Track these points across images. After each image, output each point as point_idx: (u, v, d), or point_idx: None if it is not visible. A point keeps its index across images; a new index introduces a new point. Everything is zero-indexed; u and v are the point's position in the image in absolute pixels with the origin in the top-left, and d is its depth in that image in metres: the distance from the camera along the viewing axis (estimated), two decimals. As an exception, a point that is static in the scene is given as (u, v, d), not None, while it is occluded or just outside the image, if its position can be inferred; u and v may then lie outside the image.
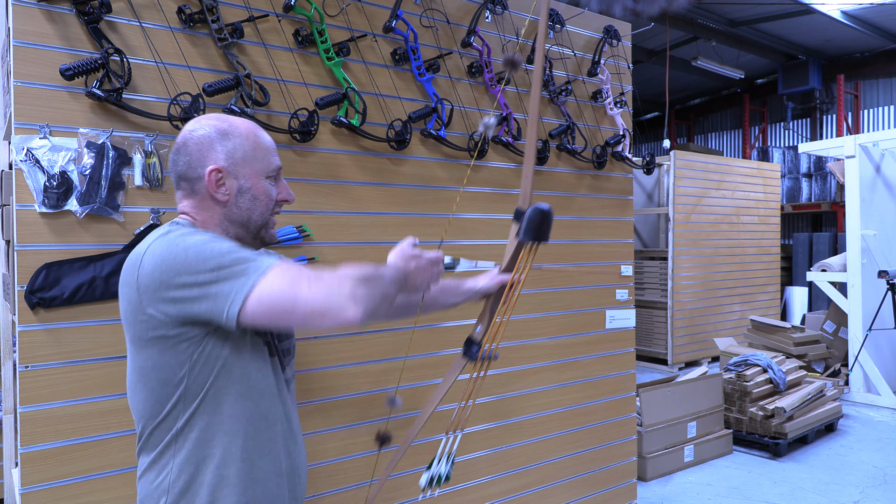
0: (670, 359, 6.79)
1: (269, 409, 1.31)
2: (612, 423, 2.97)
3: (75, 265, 1.71)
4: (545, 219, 1.57)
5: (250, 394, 1.27)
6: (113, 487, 1.76)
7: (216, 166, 1.29)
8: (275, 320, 1.17)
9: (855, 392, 5.77)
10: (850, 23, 8.58)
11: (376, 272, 1.22)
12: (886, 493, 3.76)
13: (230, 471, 1.25)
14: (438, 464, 1.60)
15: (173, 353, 1.21)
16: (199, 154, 1.30)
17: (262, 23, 2.01)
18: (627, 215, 3.05)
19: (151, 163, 1.81)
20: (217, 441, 1.25)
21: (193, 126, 1.33)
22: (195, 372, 1.22)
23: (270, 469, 1.31)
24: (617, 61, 2.99)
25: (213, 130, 1.31)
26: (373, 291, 1.18)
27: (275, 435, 1.32)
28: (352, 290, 1.15)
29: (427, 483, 1.60)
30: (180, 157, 1.32)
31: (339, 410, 2.17)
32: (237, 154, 1.31)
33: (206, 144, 1.30)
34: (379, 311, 1.21)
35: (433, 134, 2.34)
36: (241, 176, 1.31)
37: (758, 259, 7.63)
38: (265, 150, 1.35)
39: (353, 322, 1.14)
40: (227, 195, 1.31)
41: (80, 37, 1.73)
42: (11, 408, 2.15)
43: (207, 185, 1.29)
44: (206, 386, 1.23)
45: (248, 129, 1.35)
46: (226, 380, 1.25)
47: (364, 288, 1.16)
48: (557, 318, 2.79)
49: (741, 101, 11.93)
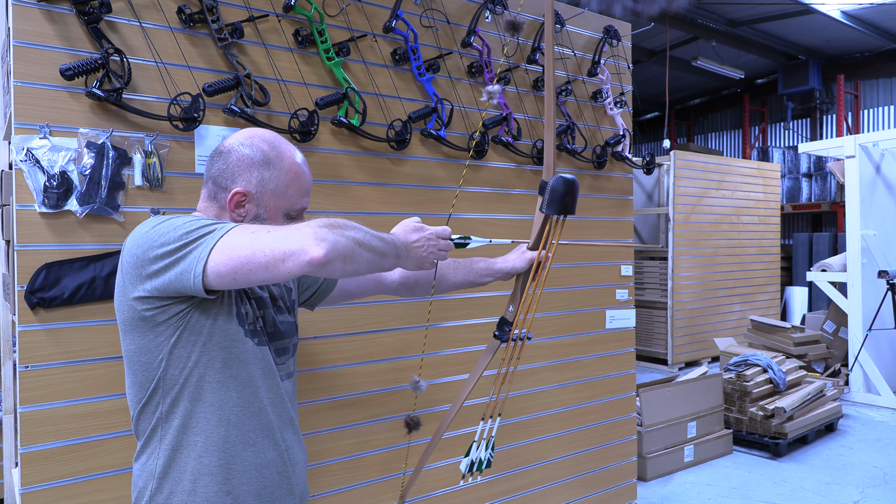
0: (670, 359, 6.79)
1: (253, 401, 1.31)
2: (612, 423, 2.97)
3: (75, 265, 1.71)
4: (570, 189, 1.51)
5: (232, 384, 1.28)
6: (113, 487, 1.76)
7: (244, 190, 1.32)
8: (239, 273, 1.12)
9: (855, 392, 5.77)
10: (850, 23, 8.58)
11: (350, 223, 1.18)
12: (886, 493, 3.76)
13: (212, 459, 1.27)
14: (478, 450, 1.60)
15: (152, 335, 1.24)
16: (235, 169, 1.33)
17: (262, 23, 2.01)
18: (627, 215, 3.05)
19: (151, 163, 1.81)
20: (199, 429, 1.27)
21: (245, 140, 1.35)
22: (174, 356, 1.24)
23: (254, 461, 1.31)
24: (617, 61, 2.99)
25: (258, 154, 1.33)
26: (341, 237, 1.13)
27: (259, 426, 1.32)
28: (315, 231, 1.10)
29: (468, 469, 1.60)
30: (218, 162, 1.34)
31: (347, 409, 2.17)
32: (269, 185, 1.33)
33: (246, 164, 1.32)
34: (354, 259, 1.15)
35: (433, 134, 2.34)
36: (263, 206, 1.34)
37: (758, 259, 7.63)
38: (298, 191, 1.37)
39: (317, 261, 1.08)
40: (241, 217, 1.33)
41: (80, 37, 1.73)
42: (11, 408, 2.15)
43: (228, 202, 1.32)
44: (185, 372, 1.25)
45: (292, 165, 1.36)
46: (207, 368, 1.26)
47: (332, 232, 1.12)
48: (557, 318, 2.79)
49: (741, 101, 11.93)
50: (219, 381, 1.27)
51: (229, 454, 1.29)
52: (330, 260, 1.10)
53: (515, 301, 1.66)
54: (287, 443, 1.39)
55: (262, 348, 1.34)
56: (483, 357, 1.69)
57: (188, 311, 1.23)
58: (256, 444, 1.32)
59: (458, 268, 1.73)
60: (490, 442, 1.63)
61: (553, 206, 1.52)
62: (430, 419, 2.36)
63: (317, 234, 1.10)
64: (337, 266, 1.12)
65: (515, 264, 1.70)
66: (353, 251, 1.15)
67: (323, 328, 2.13)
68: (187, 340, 1.25)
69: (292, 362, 1.47)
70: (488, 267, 1.73)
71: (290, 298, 1.52)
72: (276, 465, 1.35)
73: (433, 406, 2.38)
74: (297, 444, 1.43)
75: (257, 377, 1.32)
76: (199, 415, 1.27)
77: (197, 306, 1.24)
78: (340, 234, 1.13)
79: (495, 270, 1.73)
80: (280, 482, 1.36)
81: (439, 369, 2.41)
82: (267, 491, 1.33)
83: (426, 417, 2.35)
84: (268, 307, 1.39)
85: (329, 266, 1.11)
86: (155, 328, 1.24)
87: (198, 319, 1.24)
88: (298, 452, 1.43)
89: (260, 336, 1.34)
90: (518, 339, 1.62)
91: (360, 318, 2.22)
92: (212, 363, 1.27)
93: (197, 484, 1.27)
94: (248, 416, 1.31)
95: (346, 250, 1.13)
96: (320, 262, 1.09)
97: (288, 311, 1.48)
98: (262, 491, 1.32)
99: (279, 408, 1.37)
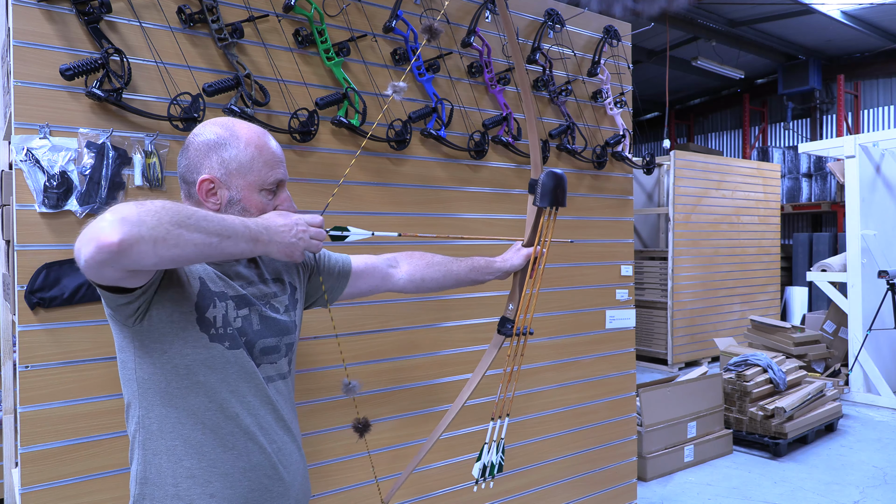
0: (670, 359, 6.79)
1: (227, 405, 1.29)
2: (612, 423, 2.97)
3: (75, 265, 1.70)
4: (559, 181, 1.60)
5: (200, 389, 1.27)
6: (113, 487, 1.76)
7: (208, 176, 1.30)
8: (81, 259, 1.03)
9: (855, 392, 5.77)
10: (850, 23, 8.58)
11: (177, 204, 1.08)
12: (886, 493, 3.76)
13: (192, 462, 1.27)
14: (489, 452, 1.62)
15: (121, 335, 1.26)
16: (196, 160, 1.31)
17: (262, 23, 2.01)
18: (627, 215, 3.05)
19: (151, 163, 1.81)
20: (176, 433, 1.27)
21: (199, 130, 1.34)
22: (142, 360, 1.25)
23: (237, 464, 1.29)
24: (617, 61, 2.99)
25: (213, 137, 1.32)
26: (149, 217, 1.01)
27: (238, 430, 1.30)
28: (114, 215, 0.99)
29: (480, 473, 1.62)
30: (182, 159, 1.34)
31: (347, 409, 2.17)
32: (232, 165, 1.30)
33: (203, 151, 1.31)
34: (172, 242, 1.03)
35: (433, 134, 2.34)
36: (233, 187, 1.31)
37: (758, 259, 7.63)
38: (264, 163, 1.33)
39: (108, 246, 0.97)
40: (217, 205, 1.31)
41: (80, 37, 1.73)
42: (11, 408, 2.15)
43: (199, 193, 1.31)
44: (154, 377, 1.25)
45: (250, 139, 1.32)
46: (171, 374, 1.25)
47: (138, 213, 1.00)
48: (557, 318, 2.79)
49: (741, 101, 11.93)
50: (186, 387, 1.26)
51: (209, 458, 1.27)
52: (128, 244, 0.97)
53: (515, 299, 1.69)
54: (277, 444, 1.35)
55: (236, 351, 1.30)
56: (487, 354, 1.70)
57: (141, 315, 1.21)
58: (237, 447, 1.29)
59: (462, 265, 1.75)
60: (500, 444, 1.64)
61: (545, 198, 1.60)
62: (432, 419, 2.37)
63: (115, 217, 0.98)
64: (145, 250, 1.00)
65: (513, 262, 1.73)
66: (168, 233, 1.02)
67: (323, 328, 2.13)
68: (149, 347, 1.24)
69: (285, 362, 1.43)
70: (488, 266, 1.75)
71: (292, 297, 1.48)
72: (264, 468, 1.32)
73: (434, 406, 2.38)
74: (291, 445, 1.39)
75: (231, 381, 1.29)
76: (174, 419, 1.26)
77: (148, 311, 1.21)
78: (150, 214, 1.01)
79: (494, 269, 1.74)
80: (270, 485, 1.33)
81: (440, 369, 2.41)
82: (255, 495, 1.31)
83: (426, 417, 2.36)
84: (254, 305, 1.35)
85: (131, 251, 0.98)
86: (122, 328, 1.24)
87: (151, 327, 1.22)
88: (293, 453, 1.40)
89: (233, 339, 1.30)
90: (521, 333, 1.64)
91: (361, 318, 2.22)
92: (175, 370, 1.25)
93: (179, 487, 1.26)
94: (223, 419, 1.28)
95: (156, 233, 1.00)
96: (112, 247, 0.97)
97: (286, 310, 1.44)
98: (250, 495, 1.30)
99: (265, 409, 1.34)
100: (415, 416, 2.32)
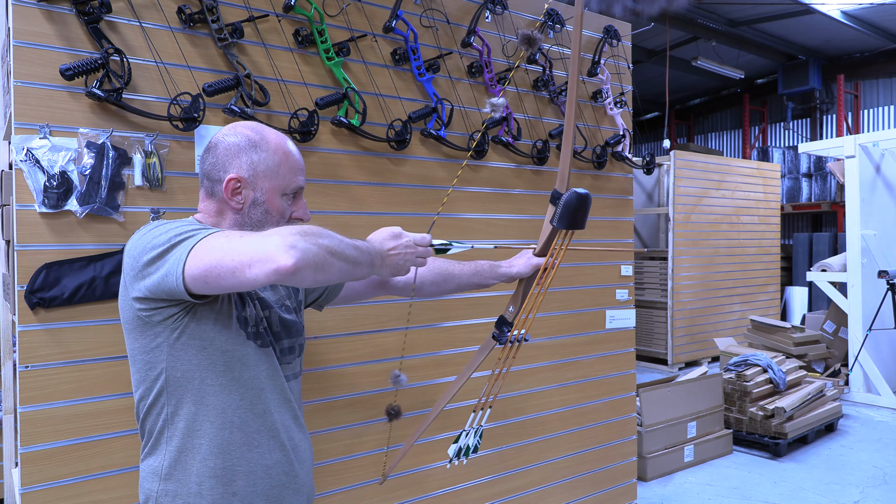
0: (670, 359, 6.79)
1: (256, 403, 1.32)
2: (612, 423, 2.97)
3: (75, 265, 1.71)
4: (583, 204, 1.51)
5: (235, 387, 1.29)
6: (113, 487, 1.76)
7: (236, 175, 1.32)
8: (209, 277, 1.12)
9: (855, 392, 5.77)
10: (850, 23, 8.59)
11: (325, 231, 1.16)
12: (886, 493, 3.76)
13: (216, 462, 1.28)
14: (466, 437, 1.63)
15: (151, 335, 1.26)
16: (225, 159, 1.34)
17: (262, 23, 2.01)
18: (627, 215, 3.05)
19: (151, 163, 1.81)
20: (203, 432, 1.28)
21: (228, 131, 1.37)
22: (175, 359, 1.26)
23: (260, 462, 1.33)
24: (617, 61, 2.99)
25: (243, 140, 1.35)
26: (313, 245, 1.10)
27: (264, 428, 1.33)
28: (285, 238, 1.08)
29: (455, 454, 1.63)
30: (209, 158, 1.36)
31: (347, 409, 2.17)
32: (260, 167, 1.34)
33: (233, 151, 1.34)
34: (325, 268, 1.12)
35: (433, 134, 2.34)
36: (259, 189, 1.34)
37: (758, 259, 7.63)
38: (289, 169, 1.37)
39: (285, 269, 1.06)
40: (240, 204, 1.34)
41: (80, 37, 1.73)
42: (11, 408, 2.15)
43: (224, 191, 1.33)
44: (188, 375, 1.27)
45: (279, 144, 1.37)
46: (207, 371, 1.27)
47: (303, 240, 1.09)
48: (557, 318, 2.79)
49: (741, 101, 11.93)
50: (221, 385, 1.28)
51: (233, 457, 1.30)
52: (299, 269, 1.07)
53: (516, 302, 1.67)
54: (294, 441, 1.40)
55: (266, 349, 1.35)
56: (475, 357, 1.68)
57: (183, 315, 1.24)
58: (261, 445, 1.33)
59: (464, 268, 1.74)
60: (479, 430, 1.65)
61: (563, 220, 1.52)
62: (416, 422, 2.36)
63: (286, 242, 1.07)
64: (307, 275, 1.09)
65: (521, 269, 1.69)
66: (324, 260, 1.11)
67: (323, 328, 2.13)
68: (186, 344, 1.26)
69: (298, 362, 1.48)
70: (492, 270, 1.73)
71: (296, 299, 1.53)
72: (282, 465, 1.36)
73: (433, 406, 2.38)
74: (304, 443, 1.44)
75: (261, 379, 1.33)
76: (203, 418, 1.28)
77: (191, 310, 1.24)
78: (313, 241, 1.10)
79: (499, 274, 1.72)
80: (287, 482, 1.37)
81: (440, 369, 2.41)
82: (274, 491, 1.35)
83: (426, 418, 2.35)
84: (272, 307, 1.40)
85: (298, 275, 1.07)
86: (153, 329, 1.25)
87: (196, 323, 1.25)
88: (306, 451, 1.45)
89: (264, 338, 1.35)
90: (515, 340, 1.61)
91: (361, 318, 2.22)
92: (213, 367, 1.28)
93: (202, 486, 1.28)
94: (251, 418, 1.32)
95: (317, 259, 1.10)
96: (288, 270, 1.06)
97: (294, 311, 1.49)
98: (270, 492, 1.34)
99: (284, 407, 1.38)
100: (415, 415, 2.32)
